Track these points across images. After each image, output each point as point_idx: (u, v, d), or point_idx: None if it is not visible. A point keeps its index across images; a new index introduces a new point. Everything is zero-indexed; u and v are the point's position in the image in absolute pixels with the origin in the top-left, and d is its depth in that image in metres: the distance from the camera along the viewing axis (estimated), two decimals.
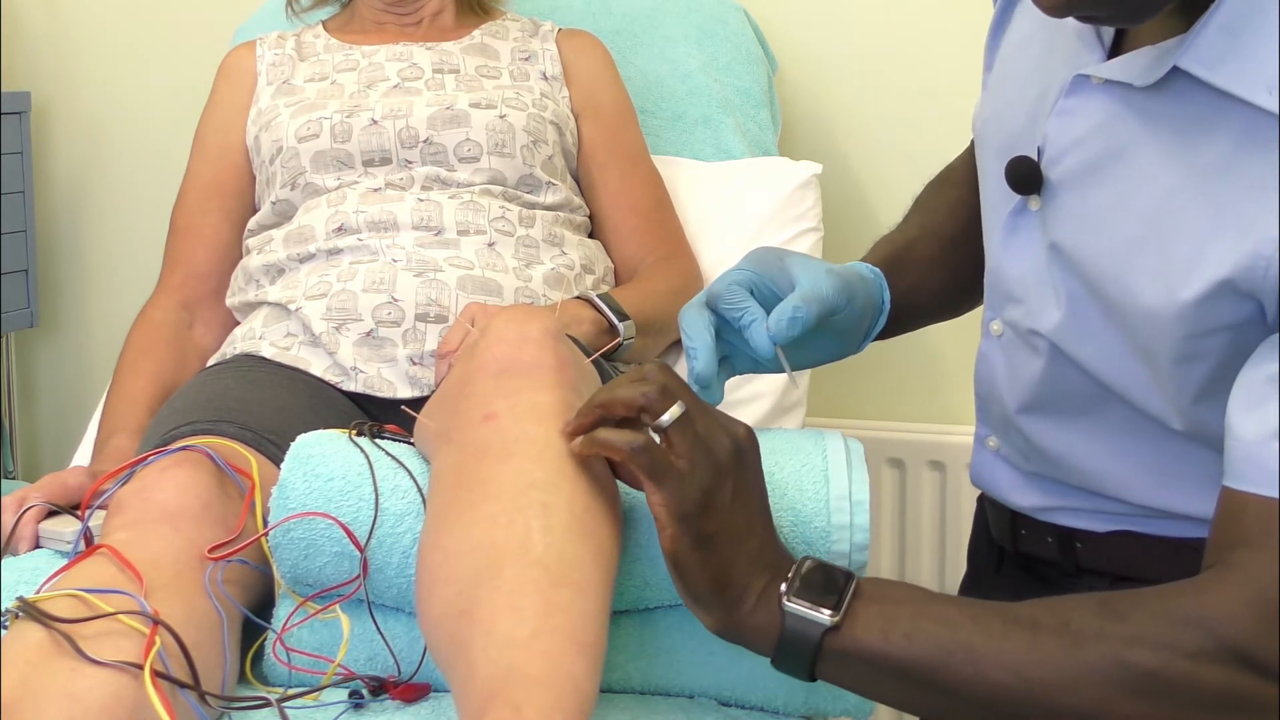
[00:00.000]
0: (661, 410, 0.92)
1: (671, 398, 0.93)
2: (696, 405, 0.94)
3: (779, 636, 0.91)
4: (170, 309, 1.63)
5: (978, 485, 1.18)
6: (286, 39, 1.75)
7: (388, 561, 1.10)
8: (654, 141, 1.81)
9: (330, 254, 1.53)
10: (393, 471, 1.13)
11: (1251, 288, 0.88)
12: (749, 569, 0.92)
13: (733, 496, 0.92)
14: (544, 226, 1.60)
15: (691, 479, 0.91)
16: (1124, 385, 0.99)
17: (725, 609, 0.92)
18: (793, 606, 0.90)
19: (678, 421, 0.92)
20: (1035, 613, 0.88)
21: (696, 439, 0.92)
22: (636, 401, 0.93)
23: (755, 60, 1.92)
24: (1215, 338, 0.92)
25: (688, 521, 0.91)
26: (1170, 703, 0.84)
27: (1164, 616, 0.85)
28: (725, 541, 0.92)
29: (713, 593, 0.92)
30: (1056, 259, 1.02)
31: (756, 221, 1.77)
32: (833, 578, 0.92)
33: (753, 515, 0.94)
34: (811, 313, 1.04)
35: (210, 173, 1.68)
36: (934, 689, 0.89)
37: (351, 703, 1.06)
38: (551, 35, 1.76)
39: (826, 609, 0.90)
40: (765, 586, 0.92)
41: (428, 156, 1.59)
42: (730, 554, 0.92)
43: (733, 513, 0.92)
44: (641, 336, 1.53)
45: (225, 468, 1.19)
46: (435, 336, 1.45)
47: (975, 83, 1.99)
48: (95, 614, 0.98)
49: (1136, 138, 0.95)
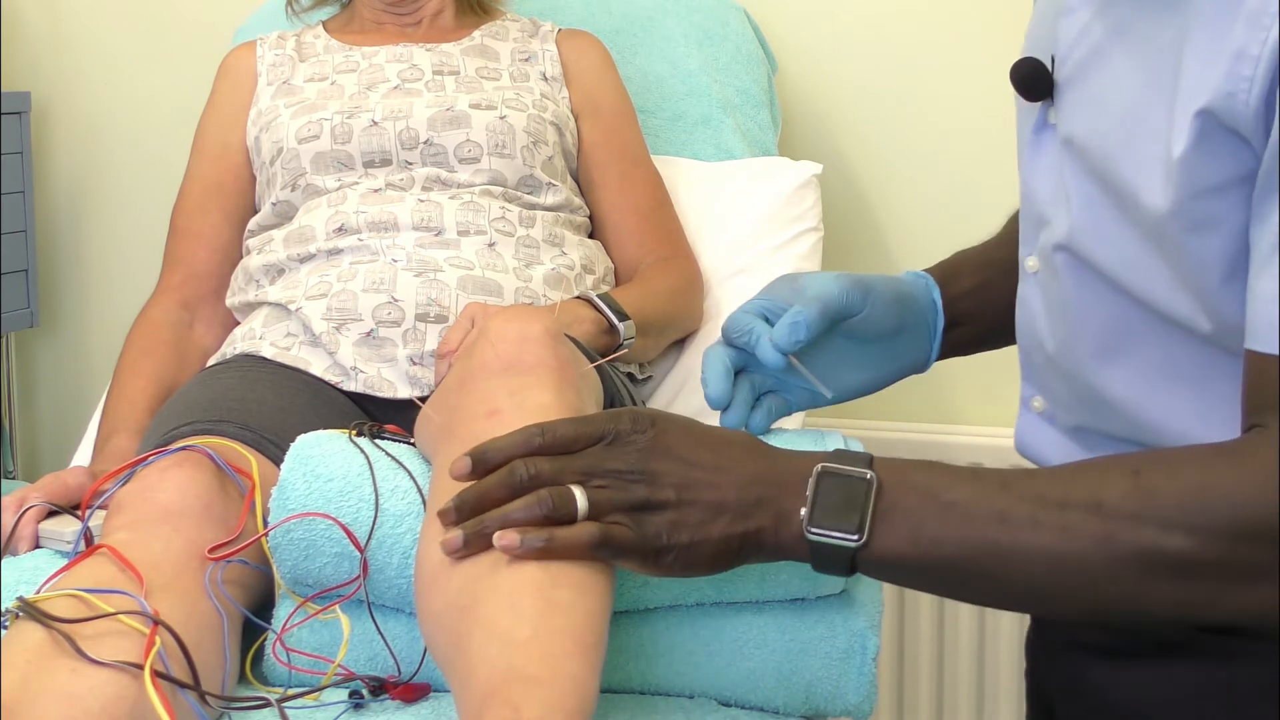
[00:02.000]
0: (569, 510, 0.90)
1: (564, 487, 0.90)
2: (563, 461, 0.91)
3: (810, 560, 0.89)
4: (170, 309, 1.63)
5: (1023, 454, 1.12)
6: (286, 39, 1.75)
7: (388, 562, 1.10)
8: (654, 141, 1.81)
9: (330, 254, 1.53)
10: (393, 472, 1.13)
11: (1234, 119, 0.84)
12: (745, 518, 0.89)
13: (682, 485, 0.90)
14: (544, 227, 1.60)
15: (641, 528, 0.89)
16: (1144, 284, 0.93)
17: (746, 558, 0.91)
18: (816, 536, 0.88)
19: (589, 493, 0.90)
20: (1067, 489, 0.85)
21: (613, 488, 0.90)
22: (540, 519, 0.91)
23: (755, 60, 1.92)
24: (1221, 199, 0.86)
25: (661, 555, 0.89)
26: (1205, 583, 0.82)
27: (1197, 495, 0.82)
28: (707, 528, 0.89)
29: (728, 561, 0.90)
30: (1068, 157, 0.97)
31: (756, 221, 1.77)
32: (852, 492, 0.88)
33: (714, 475, 0.90)
34: (812, 313, 1.02)
35: (210, 173, 1.68)
36: (969, 587, 0.88)
37: (351, 703, 1.07)
38: (551, 36, 1.76)
39: (850, 531, 0.87)
40: (777, 514, 0.89)
41: (428, 157, 1.59)
42: (720, 532, 0.89)
43: (694, 500, 0.90)
44: (641, 336, 1.53)
45: (225, 468, 1.19)
46: (435, 336, 1.45)
47: (975, 82, 1.99)
48: (95, 614, 0.98)
49: (1124, 15, 0.93)
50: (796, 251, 1.75)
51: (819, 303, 1.03)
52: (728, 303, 1.71)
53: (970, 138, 1.99)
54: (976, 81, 1.98)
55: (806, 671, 1.10)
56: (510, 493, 0.92)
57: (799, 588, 1.10)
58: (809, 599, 1.11)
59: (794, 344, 1.01)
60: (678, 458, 0.91)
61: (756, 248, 1.75)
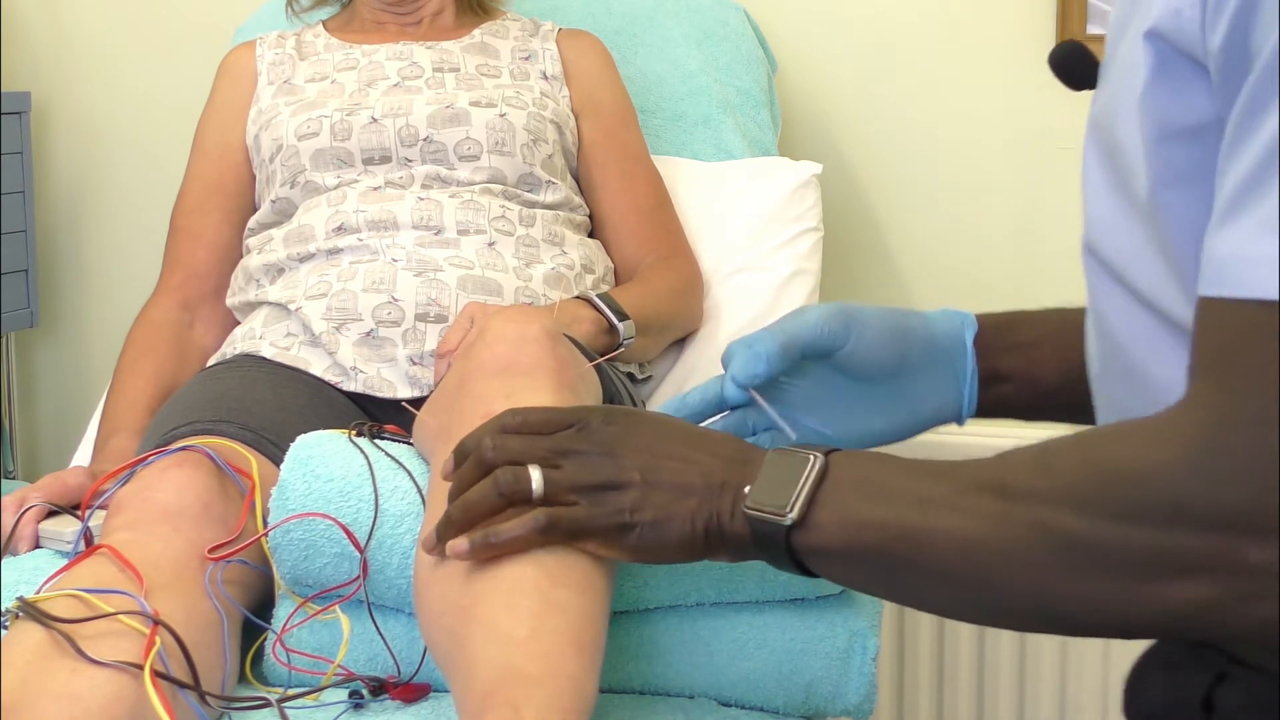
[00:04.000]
0: (522, 487, 0.89)
1: (519, 466, 0.90)
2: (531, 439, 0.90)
3: (752, 545, 0.85)
4: (170, 309, 1.63)
5: None
6: (287, 38, 1.75)
7: (387, 562, 1.10)
8: (654, 141, 1.81)
9: (330, 254, 1.53)
10: (392, 472, 1.13)
11: (1188, 43, 0.72)
12: (710, 501, 0.87)
13: (648, 468, 0.88)
14: (544, 226, 1.59)
15: (599, 506, 0.88)
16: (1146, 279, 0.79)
17: (712, 546, 0.87)
18: (752, 511, 0.85)
19: (546, 473, 0.89)
20: (983, 472, 0.78)
21: (575, 467, 0.89)
22: (494, 501, 0.90)
23: (755, 60, 1.92)
24: (1192, 145, 0.74)
25: (624, 533, 0.88)
26: (1112, 574, 0.71)
27: (1093, 468, 0.73)
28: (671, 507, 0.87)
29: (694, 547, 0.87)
30: (1090, 142, 0.84)
31: (756, 221, 1.76)
32: (793, 471, 0.84)
33: (683, 462, 0.88)
34: (774, 346, 0.96)
35: (210, 172, 1.68)
36: (894, 580, 0.83)
37: (351, 703, 1.07)
38: (552, 35, 1.76)
39: (782, 507, 0.83)
40: (735, 497, 0.86)
41: (427, 155, 1.59)
42: (684, 512, 0.87)
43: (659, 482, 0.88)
44: (641, 336, 1.53)
45: (225, 468, 1.19)
46: (435, 336, 1.45)
47: (975, 82, 1.99)
48: (95, 614, 0.98)
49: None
50: (796, 251, 1.75)
51: (784, 334, 0.97)
52: (728, 303, 1.71)
53: (971, 138, 1.99)
54: (977, 81, 1.98)
55: (806, 671, 1.10)
56: (481, 475, 0.91)
57: (799, 588, 1.10)
58: (809, 599, 1.11)
59: (752, 378, 0.95)
60: (647, 445, 0.89)
61: (756, 248, 1.75)
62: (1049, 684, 1.92)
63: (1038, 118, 1.96)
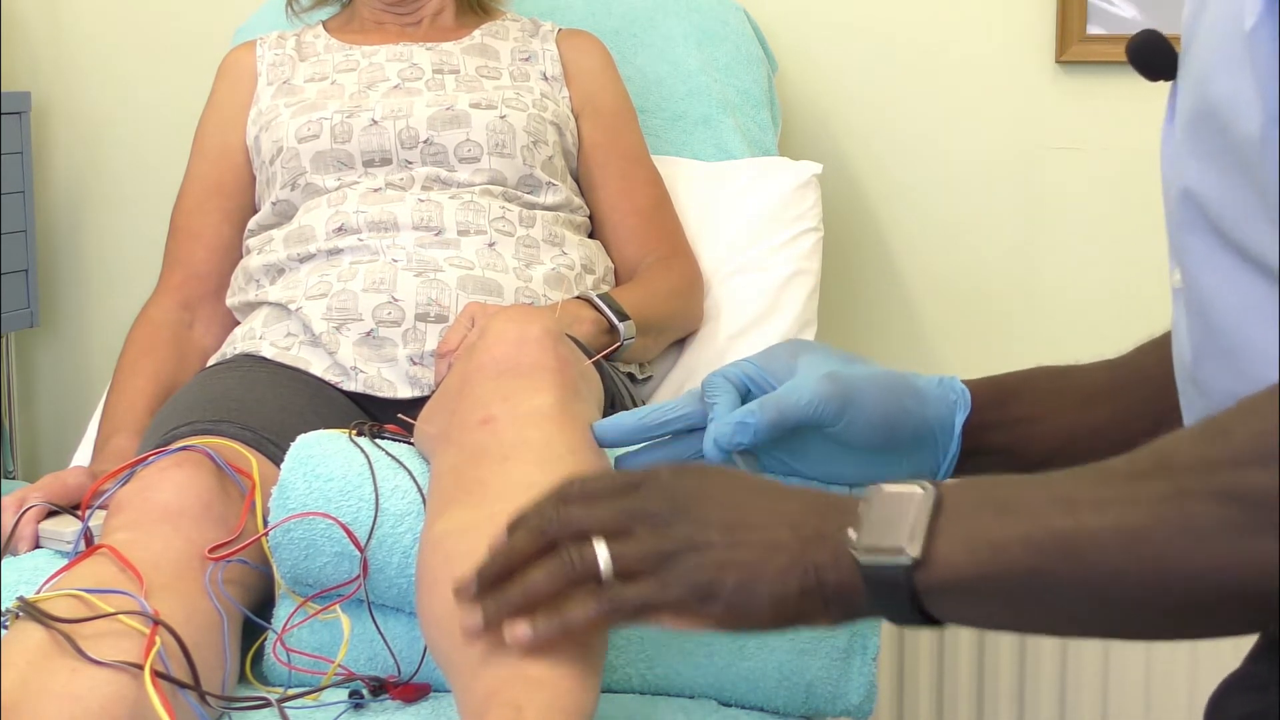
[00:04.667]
0: (589, 567, 0.79)
1: (585, 542, 0.80)
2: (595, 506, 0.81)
3: (867, 596, 0.75)
4: (170, 309, 1.63)
5: None
6: (287, 39, 1.75)
7: (388, 562, 1.10)
8: (654, 141, 1.81)
9: (330, 254, 1.53)
10: (393, 472, 1.13)
11: None
12: (803, 555, 0.76)
13: (729, 525, 0.78)
14: (544, 226, 1.60)
15: (676, 576, 0.78)
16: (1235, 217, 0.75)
17: (809, 608, 0.77)
18: (866, 558, 0.74)
19: (613, 546, 0.79)
20: (1135, 460, 0.71)
21: (646, 531, 0.79)
22: (559, 583, 0.81)
23: (755, 60, 1.92)
24: None
25: (707, 602, 0.77)
26: None
27: (1276, 425, 0.66)
28: (761, 567, 0.77)
29: (789, 610, 0.77)
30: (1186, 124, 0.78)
31: (756, 221, 1.77)
32: (903, 506, 0.74)
33: (767, 516, 0.79)
34: (765, 420, 0.92)
35: (210, 173, 1.68)
36: (1046, 604, 0.72)
37: (351, 703, 1.07)
38: (552, 35, 1.76)
39: (902, 545, 0.73)
40: (835, 547, 0.76)
41: (428, 157, 1.59)
42: (776, 571, 0.76)
43: (743, 541, 0.78)
44: (641, 336, 1.53)
45: (225, 468, 1.19)
46: (435, 336, 1.45)
47: (975, 82, 1.99)
48: (95, 614, 0.98)
49: None
50: (796, 251, 1.75)
51: (778, 411, 0.93)
52: (728, 303, 1.71)
53: (971, 138, 1.99)
54: (977, 81, 1.98)
55: (806, 671, 1.10)
56: (539, 548, 0.83)
57: None
58: None
59: (735, 445, 0.93)
60: (726, 498, 0.80)
61: (756, 248, 1.75)
62: (1049, 684, 1.93)
63: (1037, 118, 1.96)
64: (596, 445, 1.04)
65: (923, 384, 0.99)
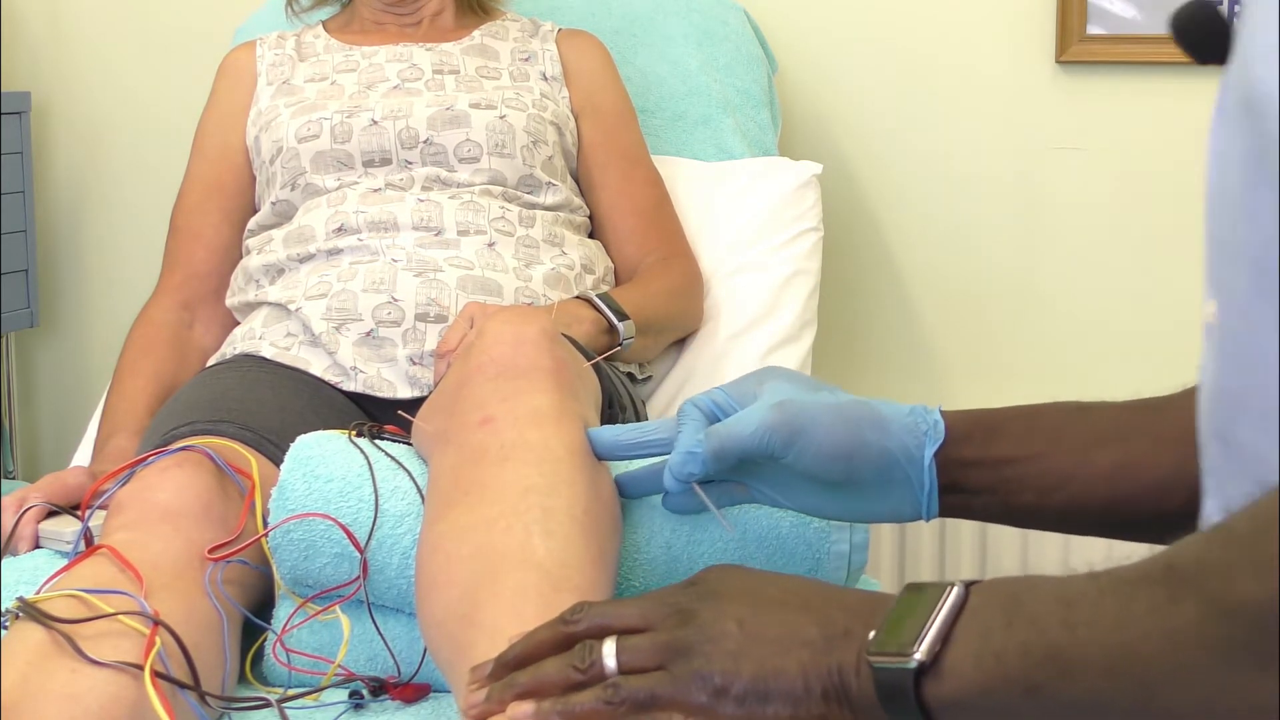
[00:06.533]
0: (595, 664, 0.75)
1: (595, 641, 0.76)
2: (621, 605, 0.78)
3: (880, 702, 0.69)
4: (170, 309, 1.63)
5: None
6: (286, 39, 1.75)
7: (388, 562, 1.10)
8: (654, 141, 1.81)
9: (330, 254, 1.53)
10: (392, 472, 1.13)
11: None
12: (829, 652, 0.71)
13: (747, 616, 0.73)
14: (544, 227, 1.60)
15: (686, 669, 0.73)
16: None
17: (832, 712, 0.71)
18: (876, 661, 0.69)
19: (620, 642, 0.75)
20: (1150, 561, 0.63)
21: (658, 631, 0.75)
22: (570, 677, 0.76)
23: (755, 60, 1.93)
24: None
25: (717, 699, 0.72)
26: None
27: (1271, 519, 0.57)
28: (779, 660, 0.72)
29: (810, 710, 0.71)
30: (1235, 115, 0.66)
31: (756, 221, 1.77)
32: (923, 604, 0.68)
33: (793, 612, 0.74)
34: (708, 450, 0.91)
35: (210, 173, 1.68)
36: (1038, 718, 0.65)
37: (351, 703, 1.07)
38: (551, 35, 1.76)
39: (910, 647, 0.67)
40: (860, 647, 0.70)
41: (428, 157, 1.59)
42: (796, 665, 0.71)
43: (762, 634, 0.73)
44: (641, 336, 1.53)
45: (225, 468, 1.19)
46: (435, 336, 1.45)
47: (975, 82, 1.99)
48: (95, 614, 0.98)
49: None
50: (797, 251, 1.75)
51: (720, 441, 0.92)
52: (727, 302, 1.71)
53: (971, 138, 1.99)
54: (977, 81, 1.98)
55: None
56: (557, 641, 0.79)
57: None
58: None
59: (687, 475, 0.92)
60: (752, 589, 0.76)
61: (756, 248, 1.75)
62: None
63: (1037, 117, 1.96)
64: None
65: (889, 413, 0.94)
